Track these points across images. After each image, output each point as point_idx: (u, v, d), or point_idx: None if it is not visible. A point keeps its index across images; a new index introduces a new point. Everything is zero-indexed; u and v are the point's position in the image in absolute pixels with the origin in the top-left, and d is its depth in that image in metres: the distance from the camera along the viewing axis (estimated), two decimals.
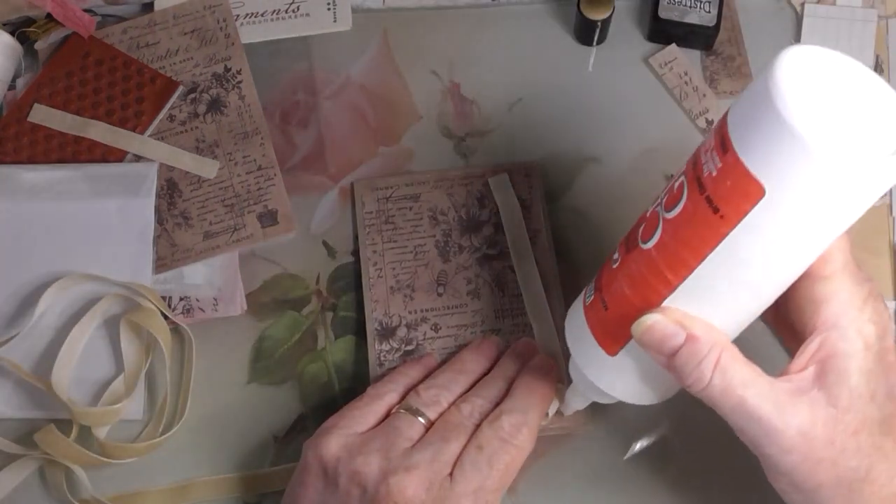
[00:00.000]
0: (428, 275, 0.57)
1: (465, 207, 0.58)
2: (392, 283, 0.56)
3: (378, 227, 0.58)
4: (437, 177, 0.59)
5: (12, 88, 0.62)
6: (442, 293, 0.56)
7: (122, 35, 0.63)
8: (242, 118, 0.61)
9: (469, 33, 0.64)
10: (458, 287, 0.56)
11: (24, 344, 0.55)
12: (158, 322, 0.55)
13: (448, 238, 0.57)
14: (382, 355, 0.55)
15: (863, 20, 0.63)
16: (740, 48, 0.63)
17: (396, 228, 0.58)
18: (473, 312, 0.56)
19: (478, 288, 0.56)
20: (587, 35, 0.62)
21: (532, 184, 0.58)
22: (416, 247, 0.57)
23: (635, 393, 0.45)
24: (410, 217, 0.58)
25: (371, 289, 0.57)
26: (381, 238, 0.58)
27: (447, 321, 0.56)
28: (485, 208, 0.58)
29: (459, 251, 0.57)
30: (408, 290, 0.56)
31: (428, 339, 0.55)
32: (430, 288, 0.56)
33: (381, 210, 0.58)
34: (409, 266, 0.57)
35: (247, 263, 0.58)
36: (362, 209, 0.58)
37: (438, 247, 0.57)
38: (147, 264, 0.57)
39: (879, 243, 0.59)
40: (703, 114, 0.61)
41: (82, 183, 0.58)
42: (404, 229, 0.58)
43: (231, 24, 0.63)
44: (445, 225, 0.58)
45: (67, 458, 0.53)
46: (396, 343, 0.55)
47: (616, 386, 0.45)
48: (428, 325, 0.56)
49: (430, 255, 0.57)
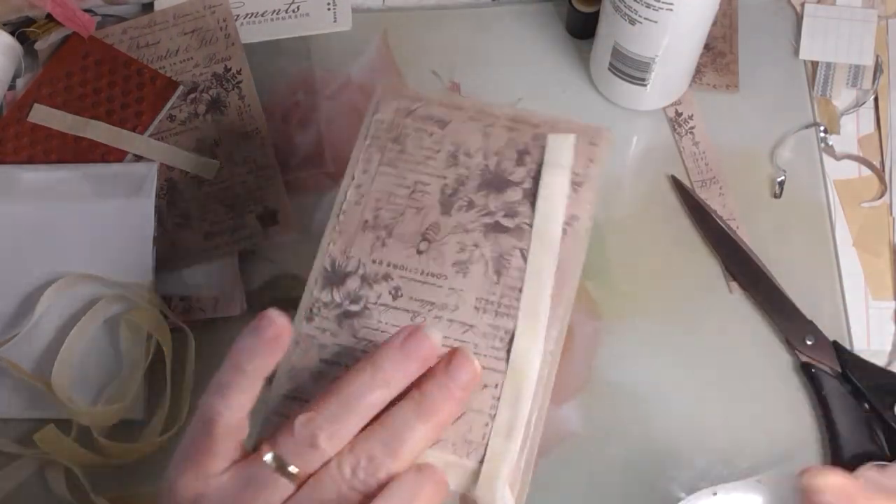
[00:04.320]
0: (416, 223, 0.45)
1: (498, 157, 0.46)
2: (369, 216, 0.45)
3: (382, 142, 0.46)
4: (480, 109, 0.47)
5: (12, 88, 0.62)
6: (423, 251, 0.44)
7: (122, 35, 0.63)
8: (242, 118, 0.61)
9: (469, 33, 0.64)
10: (446, 252, 0.44)
11: (24, 344, 0.55)
12: (158, 322, 0.55)
13: (460, 186, 0.45)
14: (317, 307, 0.44)
15: (863, 20, 0.63)
16: (732, 46, 0.63)
17: (403, 152, 0.46)
18: (450, 291, 0.43)
19: (469, 261, 0.44)
20: (579, 28, 0.62)
21: (594, 157, 0.46)
22: (416, 183, 0.45)
23: None
24: (426, 145, 0.46)
25: (341, 215, 0.45)
26: (379, 157, 0.46)
27: (413, 290, 0.43)
28: (522, 166, 0.45)
29: (467, 208, 0.45)
30: (383, 233, 0.44)
31: (379, 306, 0.43)
32: (412, 240, 0.44)
33: (396, 124, 0.47)
34: (399, 204, 0.45)
35: (247, 263, 0.58)
36: (373, 115, 0.47)
37: (444, 193, 0.45)
38: (147, 264, 0.57)
39: (879, 243, 0.59)
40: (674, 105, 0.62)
41: (82, 183, 0.58)
42: (412, 157, 0.46)
43: (231, 24, 0.63)
44: (464, 170, 0.46)
45: (67, 458, 0.53)
46: (340, 296, 0.44)
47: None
48: (388, 287, 0.43)
49: (429, 200, 0.45)
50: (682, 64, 0.58)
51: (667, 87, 0.60)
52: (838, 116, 0.62)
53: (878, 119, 0.62)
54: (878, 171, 0.60)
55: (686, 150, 0.60)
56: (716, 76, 0.62)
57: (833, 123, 0.61)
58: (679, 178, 0.59)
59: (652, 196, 0.60)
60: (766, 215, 0.59)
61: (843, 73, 0.63)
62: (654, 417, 0.55)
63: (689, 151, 0.60)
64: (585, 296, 0.57)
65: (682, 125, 0.61)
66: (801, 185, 0.59)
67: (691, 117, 0.61)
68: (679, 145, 0.61)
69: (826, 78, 0.63)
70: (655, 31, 0.53)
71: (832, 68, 0.63)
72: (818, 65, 0.63)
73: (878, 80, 0.62)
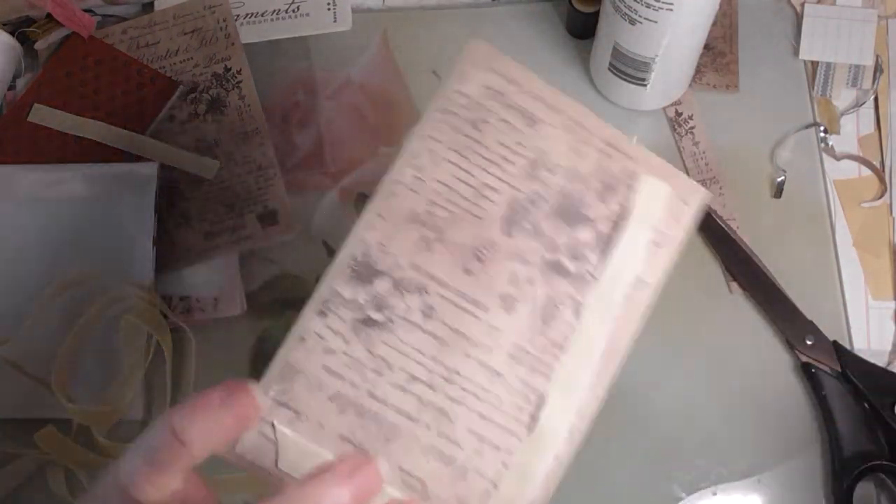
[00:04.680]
0: (471, 233, 0.37)
1: (582, 184, 0.38)
2: (422, 208, 0.37)
3: (458, 122, 0.38)
4: (578, 119, 0.39)
5: (12, 88, 0.62)
6: (471, 272, 0.37)
7: (122, 35, 0.63)
8: (242, 118, 0.61)
9: (469, 33, 0.64)
10: (495, 279, 0.37)
11: (24, 344, 0.55)
12: (158, 322, 0.55)
13: (531, 206, 0.38)
14: (334, 303, 0.37)
15: (863, 20, 0.63)
16: (733, 46, 0.63)
17: (479, 143, 0.38)
18: (488, 328, 0.37)
19: (517, 298, 0.37)
20: (579, 28, 0.63)
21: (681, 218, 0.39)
22: (484, 185, 0.38)
23: None
24: (508, 142, 0.38)
25: (388, 198, 0.37)
26: (449, 139, 0.38)
27: (448, 314, 0.37)
28: (603, 203, 0.38)
29: (532, 235, 0.38)
30: (432, 234, 0.37)
31: (406, 322, 0.36)
32: (462, 254, 0.37)
33: (480, 104, 0.38)
34: (459, 204, 0.37)
35: (247, 263, 0.58)
36: (454, 83, 0.39)
37: (512, 207, 0.38)
38: (147, 264, 0.57)
39: (879, 243, 0.59)
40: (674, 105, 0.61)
41: (82, 183, 0.58)
42: (488, 152, 0.38)
43: (231, 24, 0.63)
44: (541, 186, 0.38)
45: (67, 458, 0.53)
46: (363, 297, 0.36)
47: None
48: (420, 301, 0.36)
49: (493, 211, 0.38)
50: (682, 64, 0.58)
51: (667, 87, 0.60)
52: (838, 116, 0.62)
53: (878, 119, 0.62)
54: (878, 171, 0.60)
55: (686, 150, 0.60)
56: (716, 76, 0.62)
57: (833, 123, 0.61)
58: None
59: None
60: (766, 215, 0.59)
61: (842, 73, 0.63)
62: (653, 417, 0.55)
63: (689, 151, 0.60)
64: None
65: (682, 125, 0.61)
66: (801, 185, 0.59)
67: (691, 117, 0.61)
68: (679, 145, 0.61)
69: (826, 78, 0.63)
70: (655, 31, 0.53)
71: (832, 68, 0.63)
72: (818, 65, 0.63)
73: (878, 80, 0.62)
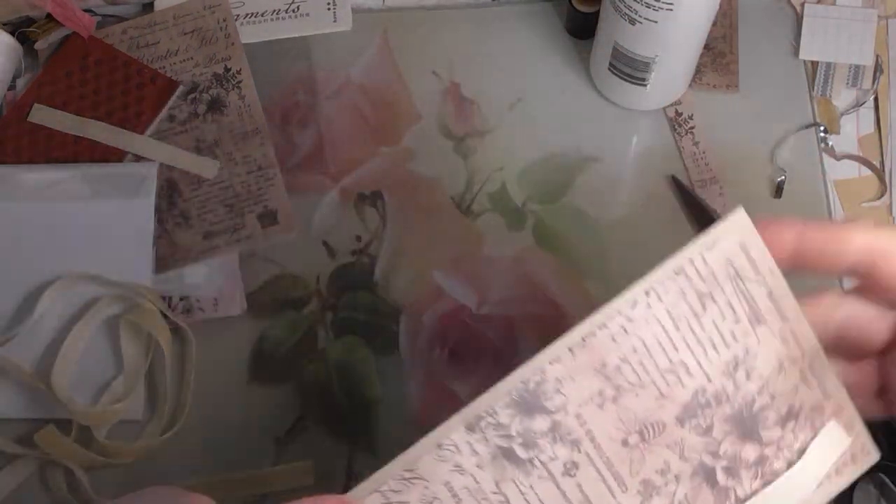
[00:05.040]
0: (648, 407, 0.34)
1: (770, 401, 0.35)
2: (613, 362, 0.34)
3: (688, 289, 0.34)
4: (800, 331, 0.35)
5: (12, 88, 0.62)
6: (629, 444, 0.34)
7: (122, 35, 0.63)
8: (242, 118, 0.61)
9: (469, 33, 0.64)
10: (647, 462, 0.34)
11: (24, 344, 0.55)
12: (158, 322, 0.55)
13: (714, 403, 0.34)
14: (487, 422, 0.33)
15: (863, 20, 0.63)
16: (732, 46, 0.63)
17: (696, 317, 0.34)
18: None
19: (658, 491, 0.34)
20: (579, 28, 0.62)
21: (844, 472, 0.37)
22: (682, 362, 0.34)
23: None
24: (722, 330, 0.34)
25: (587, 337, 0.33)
26: (672, 302, 0.34)
27: (587, 479, 0.34)
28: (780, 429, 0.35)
29: (702, 432, 0.34)
30: (610, 392, 0.34)
31: (543, 470, 0.33)
32: (629, 424, 0.34)
33: (715, 280, 0.34)
34: (649, 372, 0.34)
35: (247, 263, 0.58)
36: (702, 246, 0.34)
37: (696, 397, 0.34)
38: (147, 264, 0.57)
39: None
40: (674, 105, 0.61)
41: (82, 183, 0.58)
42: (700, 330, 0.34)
43: (231, 24, 0.63)
44: (732, 387, 0.35)
45: (67, 458, 0.53)
46: (517, 428, 0.33)
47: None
48: (568, 455, 0.33)
49: (678, 394, 0.34)
50: (682, 64, 0.58)
51: (667, 87, 0.60)
52: (838, 116, 0.62)
53: (878, 119, 0.62)
54: (878, 171, 0.60)
55: (686, 150, 0.60)
56: (716, 76, 0.62)
57: (833, 123, 0.61)
58: (679, 178, 0.59)
59: (652, 196, 0.60)
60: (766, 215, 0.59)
61: (842, 73, 0.63)
62: None
63: (689, 151, 0.60)
64: (585, 296, 0.57)
65: (682, 125, 0.61)
66: (801, 185, 0.59)
67: (691, 117, 0.61)
68: (679, 145, 0.61)
69: (826, 78, 0.63)
70: (655, 31, 0.53)
71: (832, 68, 0.63)
72: (818, 65, 0.63)
73: (878, 80, 0.62)
